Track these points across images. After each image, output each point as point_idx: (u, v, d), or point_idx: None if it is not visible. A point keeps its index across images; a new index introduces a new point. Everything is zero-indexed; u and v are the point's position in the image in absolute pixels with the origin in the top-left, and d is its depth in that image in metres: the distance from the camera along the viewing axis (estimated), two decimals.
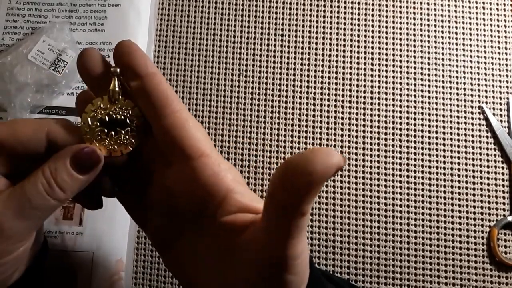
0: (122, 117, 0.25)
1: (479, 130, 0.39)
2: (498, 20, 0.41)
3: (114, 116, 0.25)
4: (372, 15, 0.42)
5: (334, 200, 0.38)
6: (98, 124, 0.25)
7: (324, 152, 0.18)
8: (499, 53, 0.41)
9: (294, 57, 0.41)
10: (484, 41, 0.41)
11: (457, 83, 0.40)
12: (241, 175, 0.27)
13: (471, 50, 0.41)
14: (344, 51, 0.41)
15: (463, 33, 0.41)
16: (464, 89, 0.40)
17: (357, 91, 0.40)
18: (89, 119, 0.25)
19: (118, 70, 0.25)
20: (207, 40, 0.42)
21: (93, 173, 0.24)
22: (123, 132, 0.25)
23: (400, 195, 0.38)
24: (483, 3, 0.42)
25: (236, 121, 0.40)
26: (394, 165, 0.39)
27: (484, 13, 0.42)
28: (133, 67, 0.25)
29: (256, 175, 0.39)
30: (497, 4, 0.42)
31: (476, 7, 0.42)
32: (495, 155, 0.39)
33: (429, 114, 0.40)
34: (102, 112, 0.25)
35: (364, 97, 0.40)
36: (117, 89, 0.25)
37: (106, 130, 0.25)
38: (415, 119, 0.40)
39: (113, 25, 0.41)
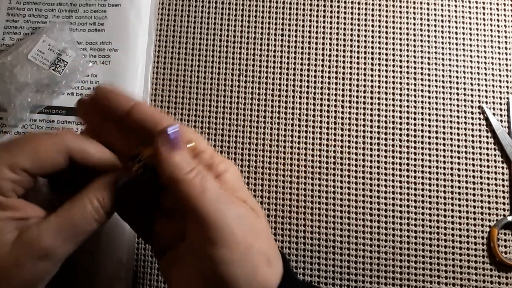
0: None
1: (479, 130, 0.39)
2: (498, 20, 0.41)
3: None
4: (372, 15, 0.42)
5: (334, 200, 0.38)
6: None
7: None
8: (499, 53, 0.41)
9: (294, 57, 0.41)
10: (484, 41, 0.41)
11: (457, 83, 0.40)
12: (239, 175, 0.28)
13: (471, 50, 0.41)
14: (344, 51, 0.41)
15: (463, 33, 0.41)
16: (464, 89, 0.40)
17: (357, 91, 0.40)
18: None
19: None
20: (207, 40, 0.42)
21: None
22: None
23: (400, 195, 0.38)
24: (483, 3, 0.42)
25: (236, 121, 0.40)
26: (394, 165, 0.39)
27: (484, 13, 0.42)
28: (118, 104, 0.27)
29: (256, 175, 0.39)
30: (497, 4, 0.42)
31: (476, 7, 0.42)
32: (495, 155, 0.39)
33: (429, 114, 0.40)
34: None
35: (364, 97, 0.40)
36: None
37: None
38: (415, 119, 0.40)
39: (113, 25, 0.41)
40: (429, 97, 0.40)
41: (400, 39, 0.41)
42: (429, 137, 0.39)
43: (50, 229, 0.24)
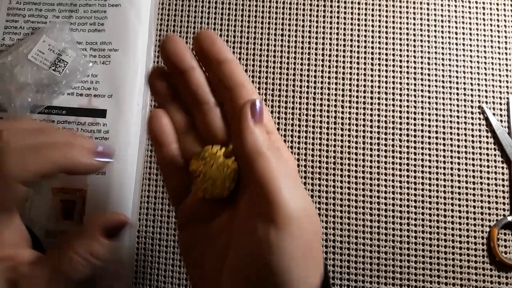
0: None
1: (479, 130, 0.39)
2: (498, 20, 0.41)
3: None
4: (372, 15, 0.42)
5: (334, 200, 0.38)
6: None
7: None
8: (499, 53, 0.41)
9: (294, 57, 0.41)
10: (484, 41, 0.41)
11: (457, 83, 0.40)
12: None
13: (471, 50, 0.41)
14: (344, 51, 0.41)
15: (463, 33, 0.41)
16: (464, 89, 0.40)
17: (357, 91, 0.40)
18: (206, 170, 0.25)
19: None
20: None
21: (122, 234, 0.27)
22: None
23: (400, 195, 0.38)
24: (483, 3, 0.42)
25: None
26: (394, 165, 0.39)
27: (484, 13, 0.42)
28: (212, 53, 0.25)
29: None
30: (497, 4, 0.42)
31: (476, 7, 0.42)
32: (495, 155, 0.39)
33: (429, 114, 0.40)
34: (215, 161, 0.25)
35: (364, 97, 0.40)
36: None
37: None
38: (415, 119, 0.40)
39: (113, 25, 0.41)
40: (429, 97, 0.40)
41: (400, 39, 0.41)
42: (429, 137, 0.39)
43: (40, 282, 0.24)
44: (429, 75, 0.40)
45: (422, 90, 0.40)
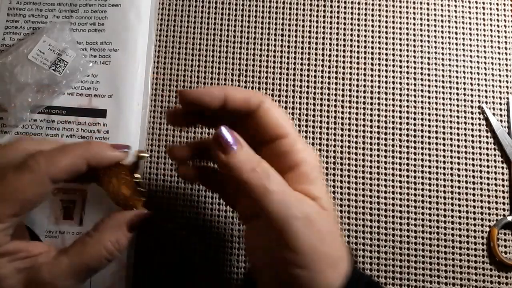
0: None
1: (479, 130, 0.39)
2: (498, 20, 0.41)
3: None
4: (372, 15, 0.42)
5: (334, 200, 0.38)
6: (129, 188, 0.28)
7: None
8: (499, 53, 0.41)
9: (294, 57, 0.41)
10: (484, 41, 0.41)
11: (457, 83, 0.40)
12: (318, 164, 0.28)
13: (471, 50, 0.41)
14: (344, 51, 0.41)
15: (463, 33, 0.41)
16: (464, 89, 0.40)
17: (357, 91, 0.40)
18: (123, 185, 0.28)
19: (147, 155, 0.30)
20: (207, 40, 0.42)
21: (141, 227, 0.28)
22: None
23: (400, 195, 0.38)
24: (483, 3, 0.42)
25: None
26: (394, 165, 0.39)
27: (484, 13, 0.42)
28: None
29: None
30: (497, 4, 0.42)
31: (476, 7, 0.42)
32: (495, 155, 0.39)
33: (429, 114, 0.40)
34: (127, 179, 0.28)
35: (364, 97, 0.40)
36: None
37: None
38: (415, 119, 0.40)
39: (114, 25, 0.41)
40: (429, 97, 0.40)
41: (400, 39, 0.41)
42: (429, 137, 0.39)
43: (62, 272, 0.25)
44: (429, 75, 0.40)
45: (422, 90, 0.40)
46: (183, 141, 0.40)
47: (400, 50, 0.41)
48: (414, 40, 0.41)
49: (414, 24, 0.41)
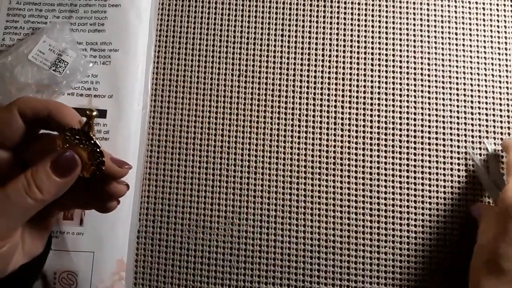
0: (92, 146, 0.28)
1: (479, 131, 0.39)
2: (498, 20, 0.41)
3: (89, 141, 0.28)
4: (372, 16, 0.42)
5: (334, 200, 0.38)
6: (77, 137, 0.27)
7: None
8: (499, 53, 0.41)
9: (294, 57, 0.41)
10: (484, 41, 0.41)
11: (457, 83, 0.40)
12: None
13: (471, 51, 0.41)
14: (344, 51, 0.41)
15: (463, 33, 0.41)
16: (464, 89, 0.40)
17: (357, 91, 0.40)
18: (68, 133, 0.27)
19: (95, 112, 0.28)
20: (207, 40, 0.42)
21: (70, 177, 0.26)
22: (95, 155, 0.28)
23: (400, 195, 0.38)
24: (483, 3, 0.42)
25: (236, 121, 0.40)
26: (394, 165, 0.39)
27: (484, 13, 0.42)
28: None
29: (256, 175, 0.39)
30: (497, 4, 0.42)
31: (476, 7, 0.42)
32: None
33: (429, 115, 0.40)
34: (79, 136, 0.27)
35: (364, 97, 0.40)
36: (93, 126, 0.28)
37: (83, 144, 0.27)
38: (415, 119, 0.40)
39: (114, 25, 0.41)
40: (429, 98, 0.40)
41: (400, 39, 0.41)
42: (429, 137, 0.39)
43: None
44: (429, 75, 0.40)
45: (422, 91, 0.40)
46: (183, 141, 0.40)
47: (400, 50, 0.41)
48: (414, 41, 0.41)
49: (414, 24, 0.41)
